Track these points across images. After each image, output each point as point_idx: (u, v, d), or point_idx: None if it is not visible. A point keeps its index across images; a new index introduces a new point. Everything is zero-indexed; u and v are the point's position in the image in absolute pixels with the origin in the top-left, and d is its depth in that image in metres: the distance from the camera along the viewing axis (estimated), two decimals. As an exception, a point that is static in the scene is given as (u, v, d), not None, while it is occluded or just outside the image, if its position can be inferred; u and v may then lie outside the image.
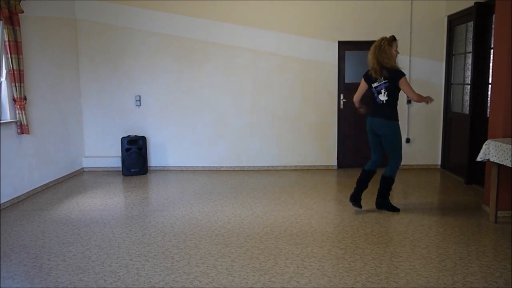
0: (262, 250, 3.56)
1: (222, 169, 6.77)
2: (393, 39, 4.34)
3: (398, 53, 4.38)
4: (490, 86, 4.86)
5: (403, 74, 4.28)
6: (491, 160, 4.08)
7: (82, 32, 6.57)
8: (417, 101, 4.46)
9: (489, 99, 4.99)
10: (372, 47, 4.38)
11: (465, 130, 5.77)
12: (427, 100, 4.38)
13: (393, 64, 4.30)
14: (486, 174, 4.55)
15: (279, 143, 6.73)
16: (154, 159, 6.80)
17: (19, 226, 4.24)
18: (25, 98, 5.13)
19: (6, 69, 4.95)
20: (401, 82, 4.26)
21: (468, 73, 5.86)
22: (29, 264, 3.35)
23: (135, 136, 6.51)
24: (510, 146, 3.76)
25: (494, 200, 4.17)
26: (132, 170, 6.41)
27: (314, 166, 6.78)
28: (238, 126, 6.71)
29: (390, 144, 4.48)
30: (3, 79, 4.95)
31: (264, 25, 6.50)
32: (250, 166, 6.78)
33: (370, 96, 4.51)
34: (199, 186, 5.73)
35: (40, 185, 5.58)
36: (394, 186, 5.88)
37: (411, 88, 4.31)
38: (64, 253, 3.54)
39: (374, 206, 4.73)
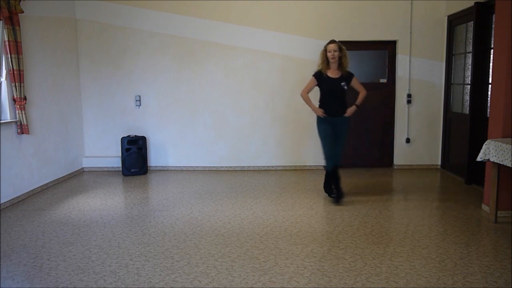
0: (262, 250, 3.56)
1: (222, 169, 6.77)
2: (327, 43, 4.79)
3: (332, 57, 4.70)
4: (490, 86, 4.86)
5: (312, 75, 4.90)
6: (491, 160, 4.08)
7: (82, 32, 6.57)
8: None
9: (489, 99, 4.99)
10: None
11: (465, 130, 5.77)
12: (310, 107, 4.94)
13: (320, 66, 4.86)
14: (486, 174, 4.55)
15: (279, 143, 6.73)
16: (154, 159, 6.80)
17: (19, 226, 4.24)
18: (25, 98, 5.13)
19: (6, 69, 4.95)
20: None
21: (468, 73, 5.86)
22: (29, 264, 3.35)
23: (135, 136, 6.51)
24: (510, 146, 3.76)
25: (494, 200, 4.17)
26: (132, 170, 6.41)
27: (314, 166, 6.78)
28: (238, 126, 6.71)
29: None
30: (3, 79, 4.95)
31: (264, 25, 6.50)
32: (250, 166, 6.78)
33: None
34: (199, 186, 5.73)
35: (40, 185, 5.58)
36: (394, 186, 5.91)
37: (305, 86, 4.94)
38: (64, 253, 3.54)
39: (373, 206, 4.73)
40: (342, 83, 4.78)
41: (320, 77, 4.82)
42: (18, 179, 5.13)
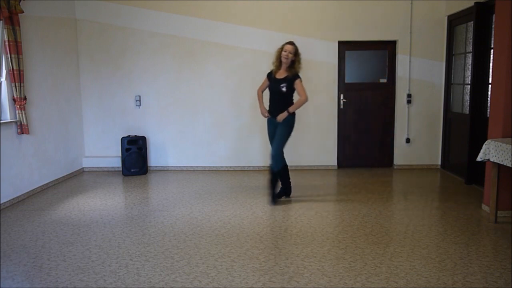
0: (262, 250, 3.56)
1: (222, 169, 6.76)
2: (285, 43, 4.79)
3: (285, 57, 4.70)
4: (490, 86, 4.86)
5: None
6: (491, 160, 4.08)
7: (82, 32, 6.57)
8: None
9: (489, 99, 4.99)
10: None
11: (465, 130, 5.77)
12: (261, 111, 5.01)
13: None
14: (486, 174, 4.55)
15: (279, 143, 6.72)
16: (154, 159, 6.80)
17: (19, 226, 4.24)
18: (25, 98, 5.13)
19: (6, 69, 4.95)
20: None
21: (468, 73, 5.86)
22: (29, 264, 3.35)
23: (135, 136, 6.51)
24: (510, 146, 3.76)
25: (494, 200, 4.17)
26: (132, 170, 6.42)
27: (314, 166, 6.78)
28: (238, 126, 6.71)
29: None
30: (3, 79, 4.95)
31: (264, 25, 6.50)
32: (250, 166, 6.78)
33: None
34: (199, 186, 5.73)
35: (40, 185, 5.58)
36: (394, 186, 5.91)
37: (261, 84, 5.06)
38: (64, 253, 3.54)
39: (373, 206, 4.73)
40: (282, 85, 4.71)
41: (269, 77, 4.88)
42: (18, 179, 5.13)
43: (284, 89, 4.71)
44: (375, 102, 6.70)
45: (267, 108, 4.92)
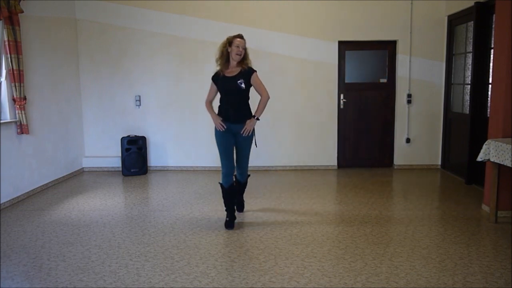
0: (262, 250, 3.56)
1: (222, 169, 6.76)
2: (234, 36, 4.13)
3: (238, 53, 4.05)
4: (490, 86, 4.85)
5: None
6: (491, 160, 4.08)
7: (82, 32, 6.57)
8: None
9: (489, 99, 4.99)
10: None
11: (465, 130, 5.77)
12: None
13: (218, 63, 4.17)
14: (486, 174, 4.55)
15: (279, 143, 6.73)
16: (154, 159, 6.80)
17: (19, 226, 4.24)
18: (25, 98, 5.13)
19: (6, 69, 4.94)
20: None
21: (468, 73, 5.86)
22: (29, 264, 3.35)
23: (135, 136, 6.51)
24: (510, 146, 3.76)
25: (494, 200, 4.17)
26: (132, 170, 6.41)
27: (314, 166, 6.78)
28: (238, 126, 6.70)
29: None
30: (3, 79, 4.95)
31: (264, 25, 6.50)
32: (250, 166, 6.74)
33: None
34: (199, 186, 5.73)
35: (40, 185, 5.58)
36: (394, 186, 5.90)
37: (207, 95, 4.30)
38: (64, 253, 3.54)
39: (373, 206, 4.73)
40: (239, 81, 4.01)
41: (216, 79, 4.16)
42: (18, 179, 5.13)
43: (243, 85, 4.00)
44: (375, 102, 6.70)
45: (227, 120, 4.11)
